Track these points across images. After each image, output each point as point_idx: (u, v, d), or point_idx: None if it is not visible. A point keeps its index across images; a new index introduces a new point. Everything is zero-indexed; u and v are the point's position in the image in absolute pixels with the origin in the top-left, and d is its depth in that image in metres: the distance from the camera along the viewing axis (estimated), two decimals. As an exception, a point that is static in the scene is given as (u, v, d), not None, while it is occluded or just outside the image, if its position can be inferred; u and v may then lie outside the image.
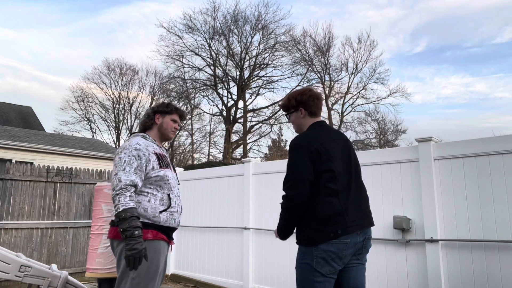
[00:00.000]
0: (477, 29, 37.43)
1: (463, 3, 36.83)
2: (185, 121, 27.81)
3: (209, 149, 32.12)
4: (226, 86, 27.65)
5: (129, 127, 30.94)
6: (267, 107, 27.97)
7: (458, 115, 39.94)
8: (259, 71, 27.78)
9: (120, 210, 2.22)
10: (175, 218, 2.53)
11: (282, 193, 2.29)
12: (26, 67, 43.82)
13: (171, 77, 27.90)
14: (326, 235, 2.15)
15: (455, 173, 3.85)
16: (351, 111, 29.23)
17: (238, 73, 27.20)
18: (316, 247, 2.17)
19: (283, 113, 2.66)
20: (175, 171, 2.71)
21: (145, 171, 2.43)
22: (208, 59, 27.34)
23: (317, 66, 28.30)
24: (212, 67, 27.43)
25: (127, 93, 31.48)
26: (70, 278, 3.47)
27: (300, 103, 2.46)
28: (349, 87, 28.78)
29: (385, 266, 4.17)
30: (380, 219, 4.16)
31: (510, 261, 3.43)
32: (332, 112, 28.34)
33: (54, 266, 3.49)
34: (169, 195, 2.52)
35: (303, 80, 27.43)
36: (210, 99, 28.68)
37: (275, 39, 26.68)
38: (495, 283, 3.48)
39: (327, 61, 28.57)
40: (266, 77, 27.83)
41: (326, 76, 28.66)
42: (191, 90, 27.71)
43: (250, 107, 28.24)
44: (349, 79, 28.83)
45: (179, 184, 2.71)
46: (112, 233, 2.44)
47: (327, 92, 28.04)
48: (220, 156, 29.46)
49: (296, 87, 26.17)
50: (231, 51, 26.92)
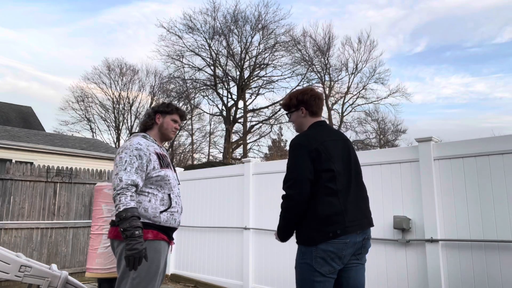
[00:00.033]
0: (477, 29, 37.48)
1: (463, 3, 36.87)
2: (185, 121, 27.79)
3: (209, 149, 32.16)
4: (226, 86, 27.66)
5: (129, 127, 30.95)
6: (267, 107, 28.00)
7: (458, 115, 39.99)
8: (259, 71, 27.79)
9: (121, 209, 2.21)
10: (175, 218, 2.54)
11: (282, 193, 2.29)
12: (26, 67, 43.88)
13: (171, 77, 27.92)
14: (325, 235, 2.15)
15: (455, 173, 3.85)
16: (351, 111, 29.28)
17: (238, 73, 27.21)
18: (315, 247, 2.17)
19: (284, 112, 2.65)
20: (175, 171, 2.71)
21: (146, 171, 2.43)
22: (208, 59, 27.37)
23: (317, 66, 28.33)
24: (212, 67, 27.43)
25: (127, 93, 31.53)
26: (70, 278, 3.47)
27: (301, 103, 2.46)
28: (349, 87, 28.80)
29: (385, 266, 4.17)
30: (380, 219, 4.17)
31: (510, 261, 3.43)
32: (332, 112, 28.36)
33: (54, 266, 3.50)
34: (169, 195, 2.52)
35: (303, 80, 27.46)
36: (210, 99, 28.72)
37: (275, 39, 26.71)
38: (495, 283, 3.48)
39: (327, 61, 28.60)
40: (266, 77, 27.86)
41: (326, 76, 28.69)
42: (191, 90, 27.72)
43: (250, 107, 28.26)
44: (349, 79, 28.87)
45: (179, 184, 2.72)
46: (112, 233, 2.43)
47: (327, 92, 28.03)
48: (220, 156, 29.49)
49: (296, 87, 26.17)
50: (231, 51, 26.92)
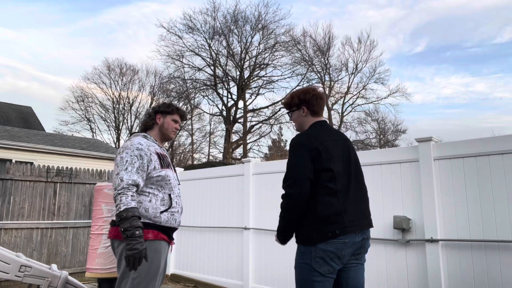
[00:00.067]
0: (477, 29, 37.48)
1: (463, 3, 36.87)
2: (185, 121, 27.79)
3: (209, 149, 32.16)
4: (226, 86, 27.65)
5: (129, 127, 30.95)
6: (267, 107, 28.00)
7: (458, 115, 39.99)
8: (259, 71, 27.79)
9: (121, 209, 2.21)
10: (175, 218, 2.54)
11: (282, 192, 2.28)
12: (26, 67, 43.88)
13: (171, 77, 27.92)
14: (324, 235, 2.15)
15: (455, 173, 3.85)
16: (351, 111, 29.29)
17: (238, 73, 27.20)
18: (314, 247, 2.17)
19: (285, 111, 2.64)
20: (175, 171, 2.71)
21: (146, 171, 2.43)
22: (208, 59, 27.37)
23: (317, 66, 28.33)
24: (212, 67, 27.43)
25: (127, 93, 31.53)
26: (70, 278, 3.47)
27: (303, 102, 2.46)
28: (349, 87, 28.81)
29: (385, 266, 4.17)
30: (380, 219, 4.17)
31: (510, 261, 3.43)
32: (332, 112, 28.36)
33: (54, 266, 3.50)
34: (170, 195, 2.52)
35: (303, 80, 27.46)
36: (210, 99, 28.72)
37: (275, 39, 26.71)
38: (495, 283, 3.48)
39: (327, 61, 28.60)
40: (266, 77, 27.86)
41: (326, 76, 28.70)
42: (191, 90, 27.71)
43: (250, 107, 28.25)
44: (349, 79, 28.88)
45: (179, 184, 2.72)
46: (112, 233, 2.43)
47: (327, 92, 28.03)
48: (220, 156, 29.49)
49: (296, 87, 26.15)
50: (231, 51, 26.92)
